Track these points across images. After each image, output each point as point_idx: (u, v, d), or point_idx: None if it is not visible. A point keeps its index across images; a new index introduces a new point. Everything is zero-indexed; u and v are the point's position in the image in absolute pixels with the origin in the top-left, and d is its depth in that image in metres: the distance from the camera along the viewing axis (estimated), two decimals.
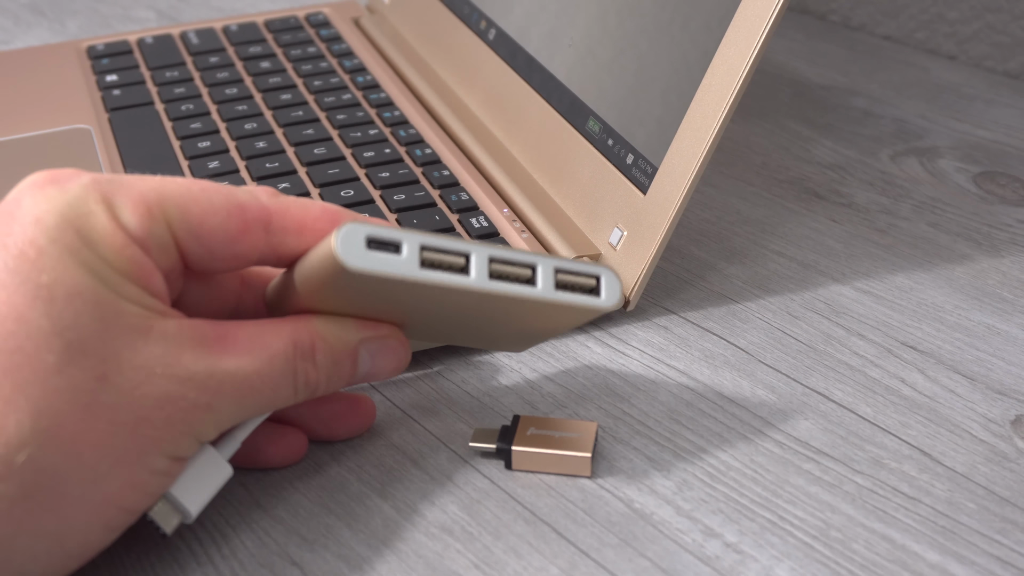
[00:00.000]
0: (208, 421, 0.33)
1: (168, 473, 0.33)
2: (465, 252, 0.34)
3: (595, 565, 0.36)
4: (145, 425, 0.32)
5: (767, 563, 0.36)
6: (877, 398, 0.43)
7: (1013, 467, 0.39)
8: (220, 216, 0.34)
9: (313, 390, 0.36)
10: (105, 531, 0.33)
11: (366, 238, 0.33)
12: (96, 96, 0.61)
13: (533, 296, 0.35)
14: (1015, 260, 0.51)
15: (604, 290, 0.35)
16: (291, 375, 0.35)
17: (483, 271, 0.34)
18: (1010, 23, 0.68)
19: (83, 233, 0.31)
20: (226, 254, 0.35)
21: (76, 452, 0.31)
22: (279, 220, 0.35)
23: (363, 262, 0.32)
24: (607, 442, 0.41)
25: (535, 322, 0.38)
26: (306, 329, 0.35)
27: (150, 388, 0.31)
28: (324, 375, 0.36)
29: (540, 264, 0.35)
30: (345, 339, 0.36)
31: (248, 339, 0.34)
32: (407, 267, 0.33)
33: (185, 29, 0.67)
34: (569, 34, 0.53)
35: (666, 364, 0.44)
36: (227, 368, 0.33)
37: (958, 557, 0.36)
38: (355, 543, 0.37)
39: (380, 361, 0.37)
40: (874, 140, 0.61)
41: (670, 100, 0.46)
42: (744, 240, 0.52)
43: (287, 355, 0.34)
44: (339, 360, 0.36)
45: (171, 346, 0.32)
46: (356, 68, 0.63)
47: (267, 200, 0.35)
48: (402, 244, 0.33)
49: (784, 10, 0.42)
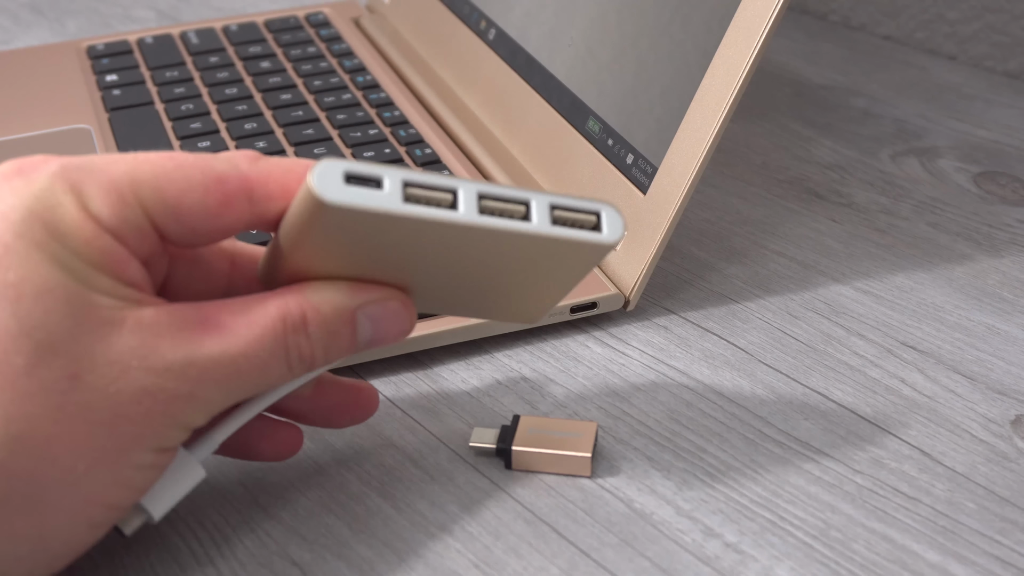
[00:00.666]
0: (193, 410, 0.32)
1: (155, 466, 0.32)
2: (452, 188, 0.32)
3: (595, 565, 0.36)
4: (123, 421, 0.30)
5: (767, 563, 0.36)
6: (877, 398, 0.43)
7: (1013, 467, 0.39)
8: (198, 192, 0.32)
9: (309, 364, 0.34)
10: (90, 529, 0.32)
11: (344, 173, 0.31)
12: (96, 96, 0.61)
13: (528, 232, 0.32)
14: (1015, 260, 0.51)
15: (606, 226, 0.33)
16: (282, 352, 0.33)
17: (472, 206, 0.32)
18: (1010, 23, 0.68)
19: (51, 226, 0.30)
20: (209, 229, 0.33)
21: (51, 456, 0.30)
22: (262, 187, 0.33)
23: (342, 196, 0.30)
24: (607, 442, 0.41)
25: (537, 271, 0.35)
26: (295, 300, 0.33)
27: (126, 383, 0.30)
28: (320, 347, 0.33)
29: (535, 200, 0.32)
30: (340, 305, 0.34)
31: (232, 318, 0.32)
32: (389, 201, 0.31)
33: (185, 29, 0.67)
34: (569, 34, 0.53)
35: (666, 364, 0.44)
36: (209, 353, 0.31)
37: (958, 557, 0.36)
38: (355, 543, 0.37)
39: (383, 326, 0.34)
40: (874, 140, 0.61)
41: (670, 100, 0.46)
42: (744, 240, 0.52)
43: (275, 331, 0.32)
44: (335, 329, 0.34)
45: (147, 336, 0.31)
46: (356, 68, 0.63)
47: (247, 167, 0.33)
48: (383, 179, 0.31)
49: (784, 10, 0.42)
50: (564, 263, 0.34)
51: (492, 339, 0.46)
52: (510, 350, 0.45)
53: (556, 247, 0.33)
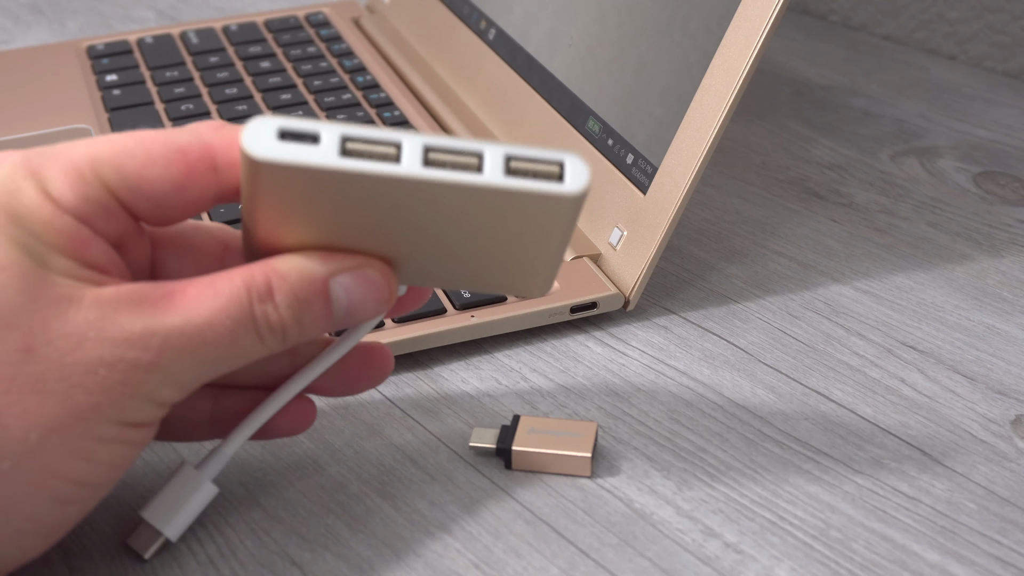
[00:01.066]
0: (157, 381, 0.31)
1: (122, 440, 0.32)
2: (395, 141, 0.30)
3: (595, 565, 0.36)
4: (78, 391, 0.30)
5: (767, 563, 0.36)
6: (877, 398, 0.43)
7: (1013, 467, 0.39)
8: (159, 166, 0.32)
9: (283, 336, 0.33)
10: (56, 503, 0.32)
11: (278, 129, 0.29)
12: (96, 96, 0.61)
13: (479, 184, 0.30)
14: (1015, 260, 0.51)
15: (569, 175, 0.30)
16: (250, 322, 0.32)
17: (416, 159, 0.29)
18: (1010, 23, 0.68)
19: (10, 210, 0.31)
20: (177, 202, 0.33)
21: (1, 426, 0.30)
22: (225, 155, 0.33)
23: (273, 152, 0.29)
24: (607, 442, 0.41)
25: (510, 235, 0.32)
26: (260, 268, 0.33)
27: (82, 354, 0.30)
28: (291, 317, 0.33)
29: (488, 150, 0.30)
30: (307, 272, 0.33)
31: (197, 291, 0.32)
32: (324, 156, 0.29)
33: (185, 29, 0.67)
34: (569, 34, 0.53)
35: (666, 364, 0.44)
36: (171, 323, 0.31)
37: (958, 557, 0.36)
38: (355, 543, 0.37)
39: (358, 294, 0.34)
40: (874, 140, 0.61)
41: (670, 100, 0.46)
42: (744, 240, 0.52)
43: (239, 299, 0.32)
44: (305, 299, 0.33)
45: (106, 309, 0.31)
46: (356, 68, 0.63)
47: (211, 136, 0.33)
48: (320, 134, 0.30)
49: (784, 10, 0.42)
50: (533, 222, 0.32)
51: (492, 339, 0.46)
52: (510, 350, 0.45)
53: (514, 201, 0.30)
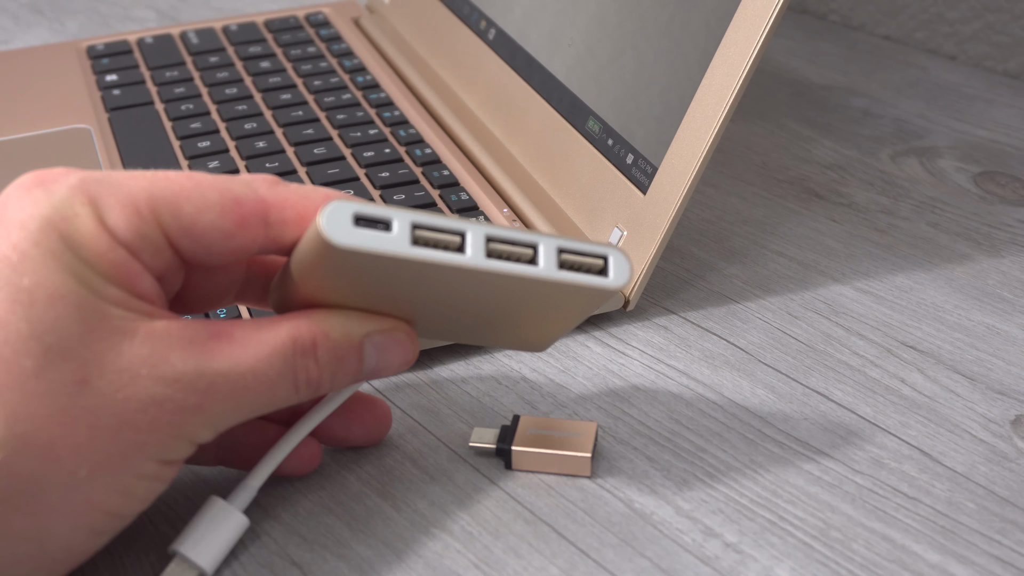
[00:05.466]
0: (199, 423, 0.32)
1: (156, 477, 0.32)
2: (460, 231, 0.32)
3: (595, 565, 0.36)
4: (128, 429, 0.31)
5: (767, 563, 0.36)
6: (877, 398, 0.43)
7: (1013, 467, 0.39)
8: (214, 212, 0.33)
9: (316, 388, 0.34)
10: (91, 535, 0.32)
11: (353, 215, 0.31)
12: (96, 96, 0.61)
13: (535, 276, 0.32)
14: (1015, 260, 0.51)
15: (612, 270, 0.33)
16: (291, 373, 0.33)
17: (480, 249, 0.32)
18: (1010, 23, 0.68)
19: (67, 236, 0.31)
20: (223, 249, 0.33)
21: (53, 457, 0.30)
22: (278, 212, 0.34)
23: (350, 239, 0.31)
24: (607, 442, 0.41)
25: (543, 309, 0.36)
26: (307, 324, 0.34)
27: (134, 391, 0.31)
28: (327, 372, 0.34)
29: (542, 243, 0.33)
30: (349, 333, 0.34)
31: (244, 336, 0.33)
32: (398, 245, 0.31)
33: (185, 29, 0.67)
34: (569, 34, 0.53)
35: (666, 364, 0.44)
36: (219, 368, 0.32)
37: (958, 557, 0.36)
38: (355, 543, 0.37)
39: (387, 355, 0.35)
40: (874, 140, 0.61)
41: (670, 100, 0.46)
42: (744, 240, 0.52)
43: (285, 352, 0.33)
44: (343, 356, 0.34)
45: (158, 347, 0.31)
46: (356, 68, 0.63)
47: (265, 191, 0.34)
48: (392, 221, 0.31)
49: (784, 10, 0.42)
50: (569, 303, 0.35)
51: None
52: (510, 350, 0.45)
53: (562, 290, 0.33)
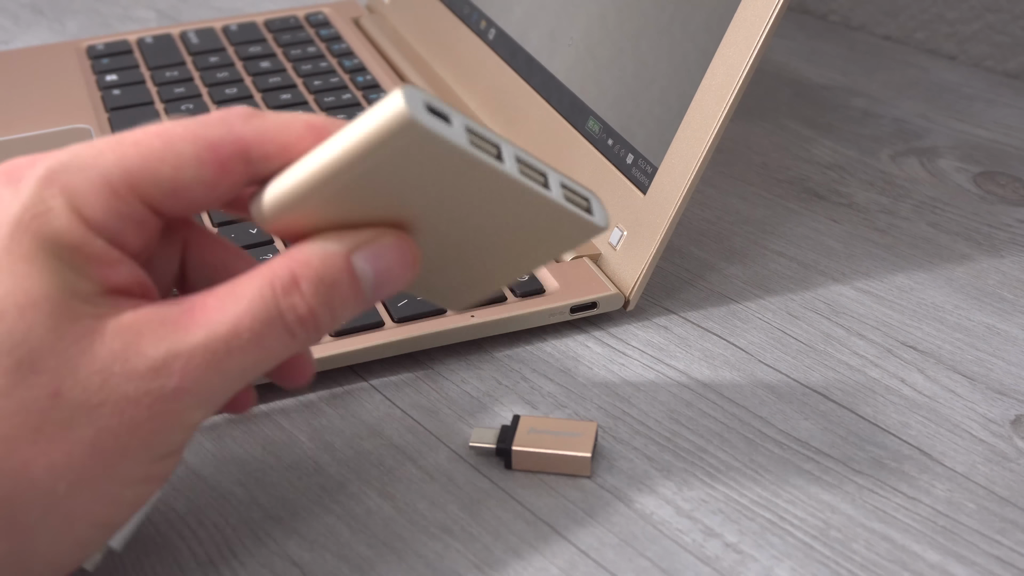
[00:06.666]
0: (185, 406, 0.30)
1: (150, 479, 0.31)
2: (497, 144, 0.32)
3: (595, 565, 0.36)
4: (105, 436, 0.29)
5: (767, 563, 0.36)
6: (877, 398, 0.43)
7: (1013, 467, 0.39)
8: (192, 167, 0.31)
9: (316, 325, 0.31)
10: (76, 547, 0.31)
11: (425, 103, 0.30)
12: (96, 96, 0.61)
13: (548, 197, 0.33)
14: (1015, 260, 0.51)
15: (595, 212, 0.35)
16: (278, 319, 0.31)
17: (513, 163, 0.33)
18: (1010, 23, 0.68)
19: (40, 235, 0.29)
20: (209, 199, 0.32)
21: (28, 478, 0.29)
22: (259, 148, 0.32)
23: (427, 120, 0.30)
24: (607, 442, 0.41)
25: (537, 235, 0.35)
26: (282, 261, 0.31)
27: (108, 393, 0.29)
28: (321, 303, 0.31)
29: (551, 174, 0.34)
30: (329, 253, 0.31)
31: (217, 301, 0.30)
32: (459, 138, 0.31)
33: (185, 29, 0.67)
34: (569, 34, 0.53)
35: (666, 364, 0.44)
36: (194, 341, 0.30)
37: (958, 557, 0.36)
38: (355, 543, 0.37)
39: (383, 264, 0.32)
40: (874, 140, 0.61)
41: (670, 100, 0.46)
42: (744, 240, 0.52)
43: (265, 298, 0.30)
44: (333, 281, 0.31)
45: (128, 338, 0.30)
46: (356, 68, 0.63)
47: (242, 127, 0.32)
48: (452, 118, 0.31)
49: (784, 10, 0.42)
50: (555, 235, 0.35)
51: (492, 339, 0.46)
52: (510, 350, 0.45)
53: (560, 217, 0.34)
